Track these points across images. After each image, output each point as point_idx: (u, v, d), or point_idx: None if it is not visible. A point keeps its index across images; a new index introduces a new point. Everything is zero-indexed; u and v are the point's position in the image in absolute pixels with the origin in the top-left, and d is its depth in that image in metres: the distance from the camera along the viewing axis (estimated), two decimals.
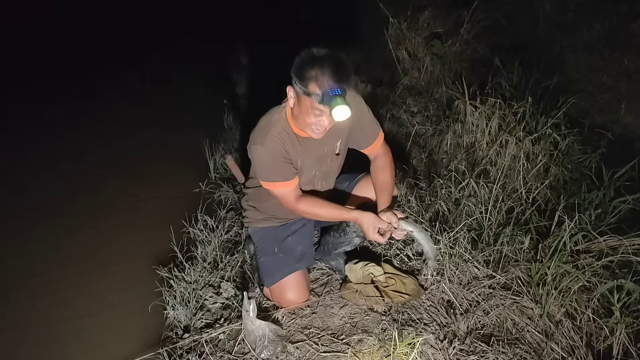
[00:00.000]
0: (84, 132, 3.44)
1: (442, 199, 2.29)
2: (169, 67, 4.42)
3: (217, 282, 2.03)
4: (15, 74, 4.40)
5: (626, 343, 1.59)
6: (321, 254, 2.08)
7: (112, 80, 4.18)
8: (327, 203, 1.73)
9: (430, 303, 1.85)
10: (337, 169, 1.91)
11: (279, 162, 1.64)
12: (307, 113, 1.53)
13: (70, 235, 2.48)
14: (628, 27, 3.87)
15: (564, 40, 3.98)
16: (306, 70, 1.47)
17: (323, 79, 1.46)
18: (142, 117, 3.62)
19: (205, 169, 2.86)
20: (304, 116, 1.55)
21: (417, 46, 3.66)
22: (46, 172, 3.01)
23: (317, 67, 1.46)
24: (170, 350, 1.71)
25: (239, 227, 2.39)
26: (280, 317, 1.82)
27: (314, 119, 1.54)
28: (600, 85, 3.47)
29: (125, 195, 2.78)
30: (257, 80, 4.07)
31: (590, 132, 2.76)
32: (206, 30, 5.18)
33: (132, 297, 2.09)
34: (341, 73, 1.48)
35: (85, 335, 1.95)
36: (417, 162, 2.73)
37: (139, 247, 2.36)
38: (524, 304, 1.78)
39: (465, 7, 3.75)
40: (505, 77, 3.19)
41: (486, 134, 2.61)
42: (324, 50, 1.50)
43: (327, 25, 4.48)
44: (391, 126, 3.11)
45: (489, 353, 1.61)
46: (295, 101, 1.57)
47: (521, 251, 1.97)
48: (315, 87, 1.46)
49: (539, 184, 2.30)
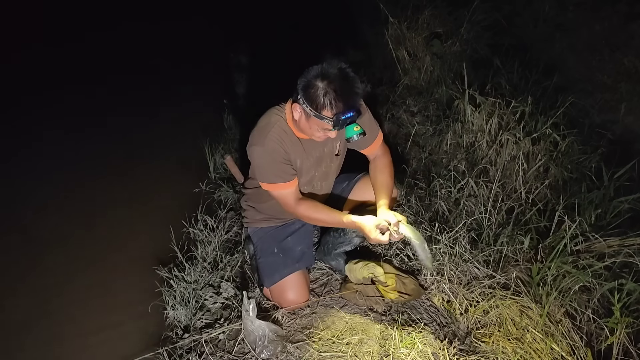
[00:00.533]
0: (83, 132, 3.44)
1: (441, 199, 2.29)
2: (168, 67, 4.41)
3: (217, 282, 2.03)
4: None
5: (626, 343, 1.59)
6: (321, 254, 2.08)
7: (112, 80, 4.18)
8: (326, 208, 1.72)
9: (430, 303, 1.85)
10: (337, 169, 1.91)
11: (278, 163, 1.64)
12: (315, 130, 1.55)
13: (70, 234, 2.48)
14: (628, 27, 3.87)
15: (564, 40, 3.98)
16: (317, 95, 1.45)
17: (337, 105, 1.45)
18: (142, 117, 3.61)
19: (205, 169, 2.86)
20: (312, 131, 1.56)
21: (417, 46, 3.65)
22: (46, 172, 3.00)
23: (330, 92, 1.44)
24: (170, 350, 1.71)
25: (239, 227, 2.40)
26: (280, 317, 1.83)
27: (321, 134, 1.56)
28: (600, 85, 3.47)
29: (125, 195, 2.78)
30: (257, 80, 4.06)
31: (590, 132, 2.76)
32: (206, 30, 5.18)
33: (132, 297, 2.09)
34: (353, 97, 1.47)
35: (85, 335, 1.95)
36: (417, 162, 2.73)
37: (139, 247, 2.36)
38: (524, 304, 1.78)
39: (465, 7, 3.75)
40: (505, 77, 3.19)
41: (486, 133, 2.61)
42: (333, 70, 1.46)
43: (327, 26, 4.48)
44: (391, 126, 3.11)
45: (489, 353, 1.61)
46: (302, 117, 1.56)
47: (521, 251, 1.97)
48: (329, 113, 1.46)
49: (539, 184, 2.31)
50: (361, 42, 4.29)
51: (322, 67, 1.47)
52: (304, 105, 1.49)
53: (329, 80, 1.45)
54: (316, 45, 4.22)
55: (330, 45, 4.18)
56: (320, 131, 1.55)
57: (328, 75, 1.45)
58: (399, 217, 1.61)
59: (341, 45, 4.26)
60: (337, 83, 1.45)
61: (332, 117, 1.46)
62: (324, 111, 1.46)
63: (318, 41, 4.22)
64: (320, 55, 4.17)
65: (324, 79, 1.45)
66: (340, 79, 1.46)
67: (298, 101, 1.51)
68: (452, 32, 3.75)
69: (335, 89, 1.44)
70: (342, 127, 1.49)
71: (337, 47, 4.25)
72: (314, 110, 1.47)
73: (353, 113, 1.47)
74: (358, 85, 1.50)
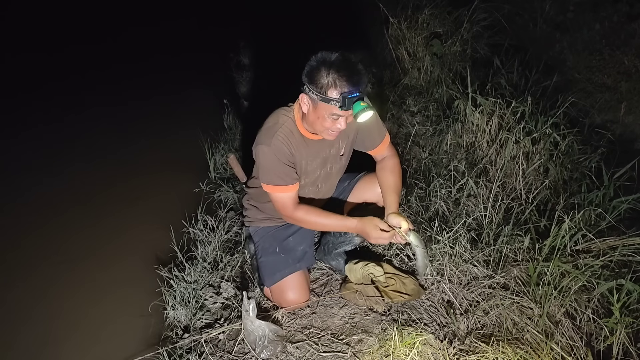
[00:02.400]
0: (83, 132, 3.44)
1: (441, 199, 2.29)
2: (168, 67, 4.42)
3: (217, 282, 2.03)
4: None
5: (626, 343, 1.59)
6: (321, 253, 2.08)
7: (111, 81, 4.18)
8: (324, 212, 1.73)
9: (430, 303, 1.85)
10: (341, 170, 1.91)
11: (282, 164, 1.64)
12: (324, 118, 1.54)
13: (71, 234, 2.48)
14: (628, 27, 3.87)
15: (564, 40, 3.98)
16: (321, 77, 1.47)
17: (341, 84, 1.46)
18: (142, 117, 3.61)
19: (205, 169, 2.86)
20: (321, 121, 1.55)
21: (417, 46, 3.65)
22: (46, 172, 3.01)
23: (333, 72, 1.46)
24: (170, 350, 1.71)
25: (239, 227, 2.40)
26: (280, 317, 1.83)
27: (331, 124, 1.55)
28: (600, 85, 3.47)
29: (126, 195, 2.78)
30: (258, 80, 4.07)
31: (590, 132, 2.75)
32: (206, 30, 5.18)
33: (132, 297, 2.09)
34: (357, 75, 1.49)
35: (85, 334, 1.96)
36: (417, 162, 2.73)
37: (139, 246, 2.36)
38: (523, 303, 1.78)
39: (465, 7, 3.75)
40: (505, 77, 3.19)
41: (486, 133, 2.61)
42: (335, 54, 1.50)
43: (327, 25, 4.48)
44: (391, 126, 3.11)
45: (489, 353, 1.61)
46: (310, 108, 1.56)
47: (521, 251, 1.97)
48: (334, 93, 1.47)
49: (539, 184, 2.31)
50: (361, 42, 4.29)
51: (324, 54, 1.50)
52: (310, 92, 1.50)
53: (331, 62, 1.48)
54: (316, 45, 4.22)
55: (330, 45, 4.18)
56: (329, 119, 1.53)
57: (330, 59, 1.49)
58: (410, 227, 1.65)
59: (341, 45, 4.26)
60: (340, 64, 1.48)
61: (339, 98, 1.47)
62: (329, 92, 1.47)
63: (318, 41, 4.22)
64: None
65: (326, 63, 1.48)
66: (342, 61, 1.48)
67: (304, 90, 1.52)
68: (452, 32, 3.75)
69: (339, 70, 1.47)
70: (349, 107, 1.48)
71: (337, 46, 4.25)
72: (320, 94, 1.48)
73: (359, 92, 1.48)
74: (360, 65, 1.52)
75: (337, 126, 1.56)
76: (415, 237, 1.67)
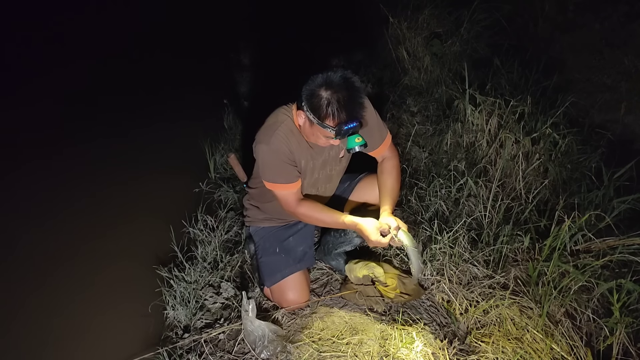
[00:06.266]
0: (83, 132, 3.43)
1: (441, 199, 2.29)
2: (168, 67, 4.41)
3: (217, 282, 2.03)
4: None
5: (626, 343, 1.59)
6: (321, 254, 2.08)
7: (111, 81, 4.18)
8: (327, 208, 1.73)
9: (430, 303, 1.85)
10: (341, 172, 1.91)
11: (283, 163, 1.64)
12: (318, 137, 1.56)
13: (71, 234, 2.48)
14: (628, 27, 3.87)
15: (564, 40, 3.98)
16: (320, 104, 1.46)
17: (339, 116, 1.45)
18: (142, 117, 3.61)
19: (205, 169, 2.86)
20: (315, 138, 1.58)
21: (417, 46, 3.66)
22: (46, 171, 3.00)
23: (333, 103, 1.44)
24: (170, 350, 1.72)
25: (239, 227, 2.40)
26: (280, 317, 1.83)
27: (324, 141, 1.58)
28: (600, 85, 3.47)
29: (125, 194, 2.77)
30: (258, 80, 4.07)
31: (590, 132, 2.75)
32: (206, 30, 5.18)
33: (132, 297, 2.08)
34: (357, 107, 1.47)
35: (85, 334, 1.95)
36: (417, 162, 2.73)
37: (139, 247, 2.36)
38: (523, 303, 1.79)
39: (465, 7, 3.75)
40: (505, 76, 3.19)
41: (486, 133, 2.61)
42: (337, 79, 1.46)
43: (326, 25, 4.48)
44: (391, 126, 3.11)
45: (489, 353, 1.61)
46: (305, 123, 1.57)
47: (521, 251, 1.97)
48: (331, 122, 1.47)
49: (539, 184, 2.31)
50: (361, 42, 4.29)
51: (326, 76, 1.47)
52: (307, 113, 1.50)
53: (333, 90, 1.45)
54: (316, 45, 4.22)
55: (331, 45, 4.19)
56: (323, 138, 1.56)
57: (332, 85, 1.45)
58: (400, 224, 1.63)
59: (341, 45, 4.27)
60: (341, 93, 1.45)
61: (335, 127, 1.47)
62: (326, 120, 1.47)
63: (318, 41, 4.22)
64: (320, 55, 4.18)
65: (327, 89, 1.45)
66: (344, 89, 1.45)
67: (302, 108, 1.52)
68: (452, 32, 3.76)
69: (339, 99, 1.44)
70: (344, 137, 1.50)
71: (337, 46, 4.25)
72: (317, 119, 1.48)
73: (355, 124, 1.48)
74: (362, 95, 1.50)
75: (331, 142, 1.59)
76: (406, 236, 1.63)
